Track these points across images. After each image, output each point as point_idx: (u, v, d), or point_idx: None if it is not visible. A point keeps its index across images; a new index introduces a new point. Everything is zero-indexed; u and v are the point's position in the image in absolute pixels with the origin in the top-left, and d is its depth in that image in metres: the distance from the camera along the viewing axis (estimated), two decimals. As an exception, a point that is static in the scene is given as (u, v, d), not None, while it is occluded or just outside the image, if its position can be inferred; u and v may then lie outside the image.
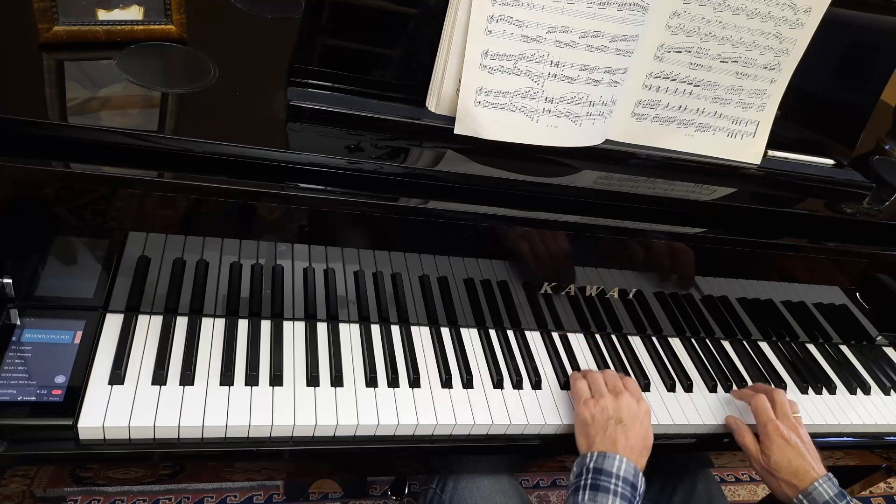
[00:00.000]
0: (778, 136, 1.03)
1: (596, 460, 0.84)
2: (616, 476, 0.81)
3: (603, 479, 0.81)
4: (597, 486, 0.81)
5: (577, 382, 0.95)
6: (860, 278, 1.11)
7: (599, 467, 0.83)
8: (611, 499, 0.80)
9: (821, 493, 0.87)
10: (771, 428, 0.93)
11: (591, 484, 0.82)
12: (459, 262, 0.95)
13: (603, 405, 0.89)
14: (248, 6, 1.06)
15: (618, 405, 0.89)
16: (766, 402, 0.97)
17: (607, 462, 0.83)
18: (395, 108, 0.89)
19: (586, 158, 0.96)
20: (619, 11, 0.85)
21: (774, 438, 0.92)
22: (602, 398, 0.90)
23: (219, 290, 0.90)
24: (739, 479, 1.92)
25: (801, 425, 0.96)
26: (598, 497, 0.80)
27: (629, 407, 0.89)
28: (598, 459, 0.84)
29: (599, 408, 0.89)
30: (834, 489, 0.87)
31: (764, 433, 0.94)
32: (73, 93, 0.82)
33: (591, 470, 0.83)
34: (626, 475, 0.82)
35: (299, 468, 1.06)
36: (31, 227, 0.80)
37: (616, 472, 0.82)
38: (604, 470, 0.82)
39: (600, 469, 0.82)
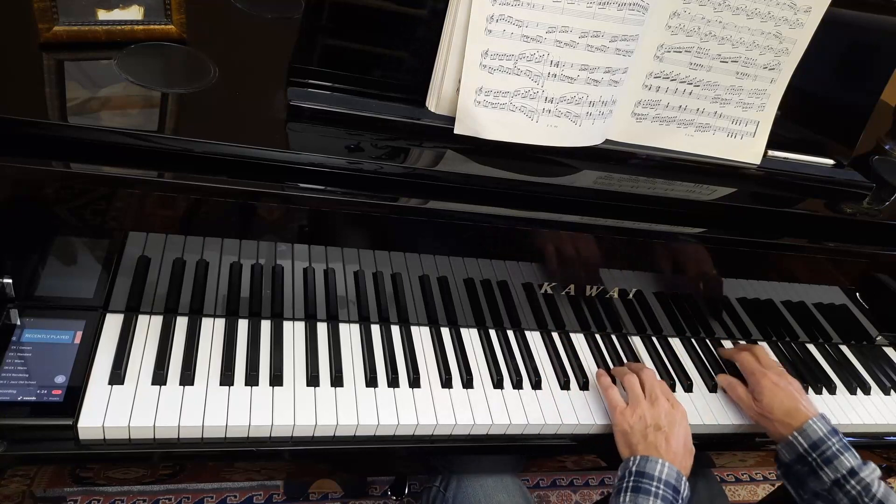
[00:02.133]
0: (778, 136, 1.03)
1: (638, 464, 0.85)
2: (658, 479, 0.83)
3: (644, 482, 0.82)
4: (637, 489, 0.82)
5: (609, 391, 0.96)
6: (860, 278, 1.11)
7: (642, 470, 0.84)
8: (651, 500, 0.81)
9: (815, 430, 0.91)
10: (759, 374, 1.00)
11: (632, 486, 0.83)
12: (459, 262, 0.95)
13: (640, 414, 0.90)
14: (248, 6, 1.06)
15: (655, 413, 0.90)
16: (750, 356, 1.05)
17: (649, 466, 0.84)
18: (395, 108, 0.89)
19: (586, 158, 0.96)
20: (619, 11, 0.85)
21: (763, 383, 0.98)
22: (638, 406, 0.91)
23: (219, 290, 0.90)
24: (739, 479, 1.92)
25: (786, 373, 1.02)
26: (638, 499, 0.81)
27: (667, 412, 0.90)
28: (640, 463, 0.85)
29: (637, 417, 0.90)
30: (827, 426, 0.91)
31: (753, 381, 1.01)
32: (73, 93, 0.82)
33: (634, 473, 0.84)
34: (667, 479, 0.83)
35: (299, 468, 1.06)
36: (31, 227, 0.80)
37: (658, 476, 0.83)
38: (646, 473, 0.83)
39: (642, 472, 0.83)
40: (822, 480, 0.88)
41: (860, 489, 0.86)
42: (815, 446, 0.90)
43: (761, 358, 1.04)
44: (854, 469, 0.87)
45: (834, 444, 0.89)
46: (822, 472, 0.88)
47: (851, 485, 0.86)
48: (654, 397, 0.92)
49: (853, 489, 0.86)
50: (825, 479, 0.88)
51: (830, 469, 0.88)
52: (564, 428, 0.95)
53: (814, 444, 0.90)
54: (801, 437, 0.91)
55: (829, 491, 0.88)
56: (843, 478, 0.87)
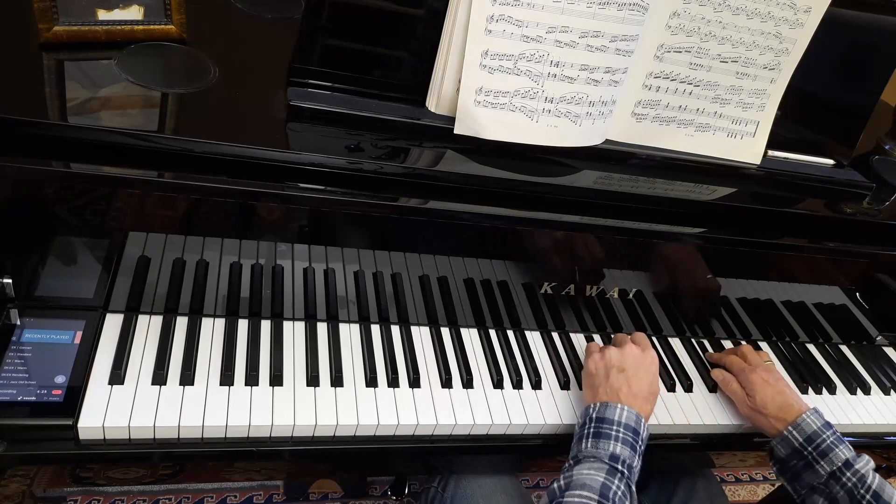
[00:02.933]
0: (778, 136, 1.03)
1: (598, 410, 0.87)
2: (617, 423, 0.85)
3: (605, 427, 0.85)
4: (598, 434, 0.84)
5: (590, 344, 1.01)
6: (860, 278, 1.11)
7: (602, 416, 0.86)
8: (612, 444, 0.83)
9: (809, 424, 0.92)
10: (748, 371, 1.01)
11: (593, 432, 0.85)
12: (459, 262, 0.95)
13: (608, 356, 0.93)
14: (248, 6, 1.06)
15: (622, 355, 0.93)
16: (737, 357, 1.06)
17: (609, 411, 0.86)
18: (395, 108, 0.89)
19: (586, 158, 0.96)
20: (619, 11, 0.85)
21: (753, 379, 0.99)
22: (608, 351, 0.95)
23: (219, 290, 0.90)
24: (739, 479, 1.92)
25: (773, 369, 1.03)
26: (599, 443, 0.83)
27: (633, 356, 0.93)
28: (599, 409, 0.87)
29: (604, 359, 0.93)
30: (820, 420, 0.92)
31: (743, 378, 1.02)
32: (73, 93, 0.82)
33: (594, 419, 0.86)
34: (626, 421, 0.85)
35: (299, 468, 1.06)
36: (31, 227, 0.80)
37: (617, 420, 0.85)
38: (605, 418, 0.85)
39: (602, 418, 0.86)
40: (819, 473, 0.89)
41: (856, 480, 0.86)
42: (811, 440, 0.90)
43: (748, 356, 1.05)
44: (849, 461, 0.88)
45: (829, 437, 0.90)
46: (818, 466, 0.89)
47: (847, 476, 0.87)
48: (623, 342, 0.96)
49: (849, 481, 0.87)
50: (821, 472, 0.89)
51: (826, 462, 0.88)
52: (564, 428, 0.95)
53: (809, 438, 0.91)
54: (796, 431, 0.92)
55: (825, 483, 0.89)
56: (839, 470, 0.87)
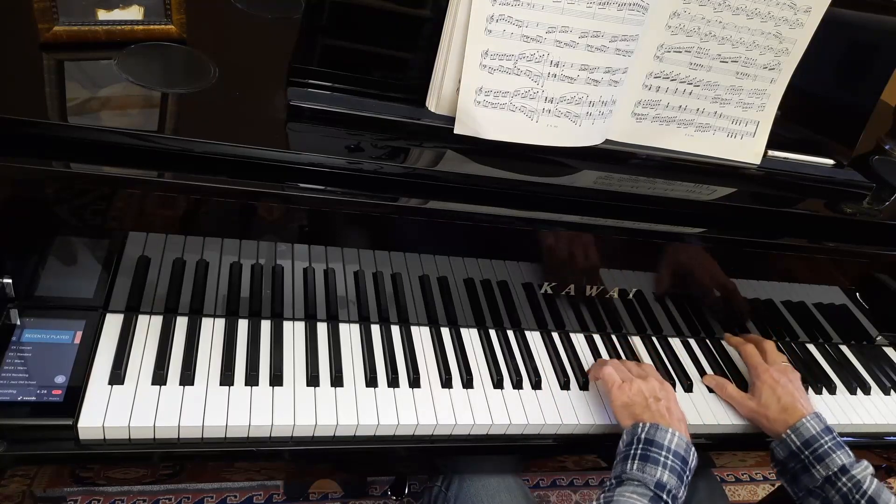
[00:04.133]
0: (778, 136, 1.03)
1: (648, 431, 0.84)
2: (667, 449, 0.82)
3: (654, 451, 0.82)
4: (646, 457, 0.82)
5: (605, 369, 0.96)
6: (860, 278, 1.11)
7: (651, 438, 0.83)
8: (659, 471, 0.80)
9: (808, 428, 0.91)
10: (762, 370, 1.00)
11: (640, 454, 0.82)
12: (459, 262, 0.95)
13: (638, 387, 0.91)
14: (248, 6, 1.06)
15: (650, 386, 0.92)
16: (755, 349, 1.04)
17: (659, 434, 0.83)
18: (395, 108, 0.89)
19: (586, 158, 0.96)
20: (618, 11, 0.85)
21: (765, 379, 0.98)
22: (633, 382, 0.93)
23: (219, 290, 0.90)
24: (739, 479, 1.92)
25: (790, 370, 1.01)
26: (646, 468, 0.81)
27: (661, 387, 0.93)
28: (650, 430, 0.84)
29: (635, 390, 0.91)
30: (820, 425, 0.91)
31: (755, 374, 1.00)
32: (73, 93, 0.82)
33: (643, 440, 0.83)
34: (677, 448, 0.83)
35: (299, 468, 1.06)
36: (31, 227, 0.80)
37: (668, 445, 0.83)
38: (655, 441, 0.83)
39: (651, 440, 0.83)
40: (815, 477, 0.89)
41: (851, 486, 0.86)
42: (808, 444, 0.90)
43: (768, 352, 1.04)
44: (846, 466, 0.87)
45: (826, 442, 0.89)
46: (814, 470, 0.89)
47: (843, 482, 0.87)
48: (645, 374, 0.95)
49: (844, 486, 0.86)
50: (817, 476, 0.89)
51: (822, 466, 0.88)
52: (564, 428, 0.95)
53: (806, 442, 0.90)
54: (794, 434, 0.92)
55: (821, 487, 0.89)
56: (835, 475, 0.87)
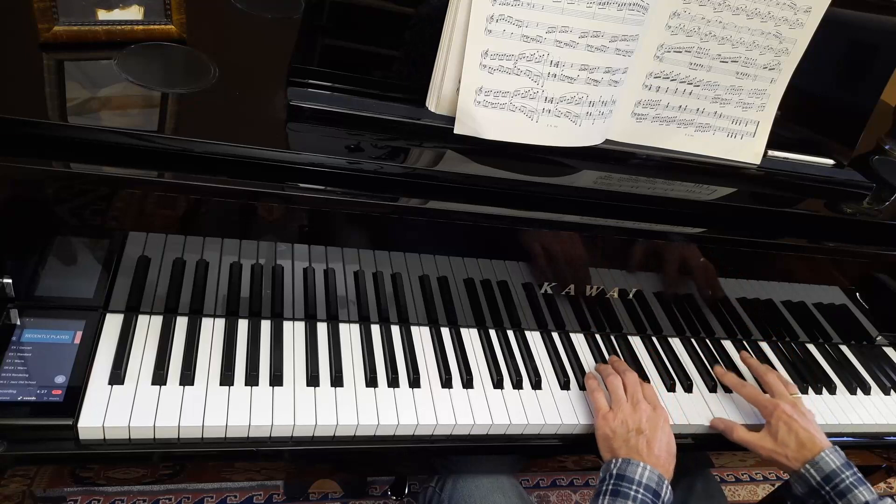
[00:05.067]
0: (778, 136, 1.03)
1: (619, 466, 0.85)
2: (637, 483, 0.82)
3: (624, 486, 0.82)
4: (616, 492, 0.82)
5: (595, 394, 0.95)
6: (860, 278, 1.11)
7: (622, 473, 0.84)
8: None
9: (827, 463, 0.88)
10: (772, 407, 0.96)
11: (611, 490, 0.83)
12: (459, 262, 0.95)
13: (622, 419, 0.90)
14: (248, 6, 1.06)
15: (637, 416, 0.90)
16: (756, 389, 1.01)
17: (630, 469, 0.84)
18: (395, 108, 0.89)
19: (586, 158, 0.96)
20: (618, 11, 0.85)
21: (779, 415, 0.94)
22: (620, 410, 0.91)
23: (219, 290, 0.90)
24: (739, 479, 1.92)
25: (800, 403, 0.98)
26: (616, 502, 0.81)
27: (648, 417, 0.90)
28: (621, 466, 0.85)
29: (619, 421, 0.90)
30: (841, 459, 0.89)
31: (766, 413, 0.96)
32: (73, 93, 0.82)
33: (614, 476, 0.84)
34: (647, 482, 0.83)
35: (299, 468, 1.06)
36: (31, 227, 0.80)
37: (638, 479, 0.83)
38: (626, 476, 0.83)
39: (622, 475, 0.83)
40: None
41: None
42: (829, 479, 0.87)
43: (772, 385, 1.00)
44: (869, 503, 0.85)
45: (848, 476, 0.87)
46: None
47: None
48: (636, 401, 0.92)
49: None
50: None
51: (844, 503, 0.86)
52: (564, 428, 0.95)
53: (827, 477, 0.87)
54: (814, 469, 0.88)
55: None
56: None
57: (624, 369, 0.98)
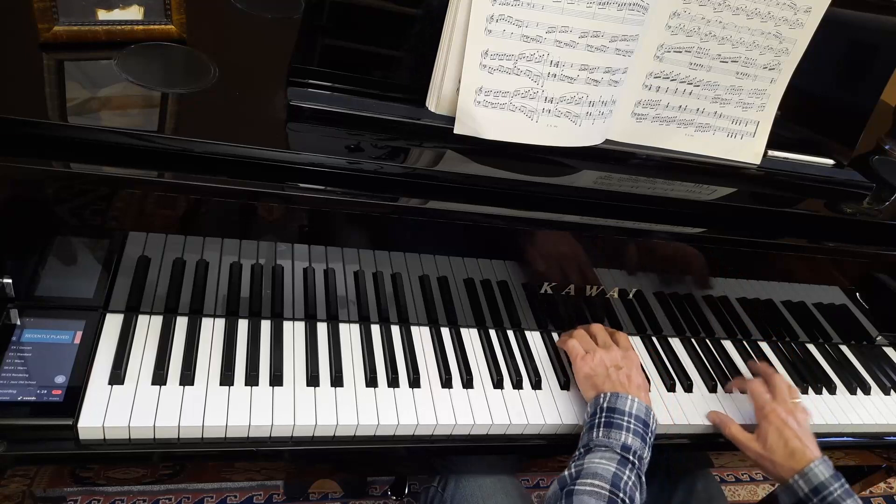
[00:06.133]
0: (778, 136, 1.03)
1: (609, 400, 0.88)
2: (629, 414, 0.86)
3: (616, 417, 0.86)
4: (610, 424, 0.85)
5: (568, 342, 0.99)
6: (860, 278, 1.11)
7: (612, 406, 0.87)
8: (623, 434, 0.84)
9: (816, 475, 0.87)
10: (768, 410, 0.95)
11: (604, 422, 0.86)
12: (459, 262, 0.95)
13: (599, 358, 0.95)
14: (248, 6, 1.06)
15: (612, 356, 0.95)
16: (762, 387, 0.99)
17: (619, 402, 0.87)
18: (395, 108, 0.89)
19: (586, 158, 0.96)
20: (618, 11, 0.85)
21: (772, 419, 0.93)
22: (596, 352, 0.96)
23: (219, 290, 0.90)
24: (739, 479, 1.92)
25: (799, 409, 0.96)
26: (611, 433, 0.84)
27: (623, 356, 0.96)
28: (610, 399, 0.88)
29: (597, 360, 0.95)
30: (830, 470, 0.88)
31: (761, 415, 0.96)
32: (73, 93, 0.82)
33: (605, 409, 0.87)
34: (637, 413, 0.86)
35: (299, 468, 1.06)
36: (31, 227, 0.80)
37: (629, 411, 0.86)
38: (616, 409, 0.86)
39: (613, 408, 0.87)
40: None
41: None
42: (817, 491, 0.86)
43: (776, 388, 0.98)
44: None
45: (836, 489, 0.86)
46: None
47: None
48: (607, 344, 0.98)
49: None
50: None
51: None
52: (565, 428, 0.95)
53: (815, 489, 0.86)
54: (803, 480, 0.87)
55: None
56: None
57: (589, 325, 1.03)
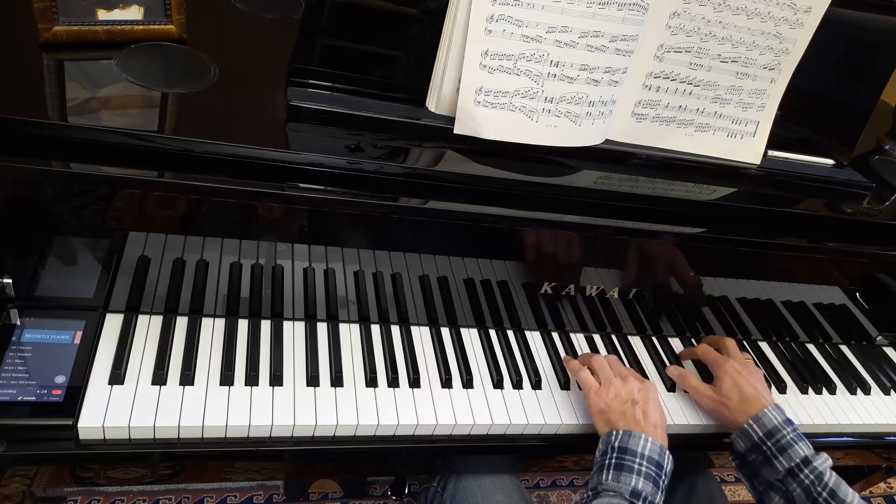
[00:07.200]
0: (778, 136, 1.03)
1: (621, 439, 0.84)
2: (641, 455, 0.82)
3: (627, 459, 0.82)
4: (621, 466, 0.82)
5: (582, 373, 0.96)
6: (860, 278, 1.11)
7: (624, 446, 0.83)
8: (634, 479, 0.80)
9: (770, 419, 0.90)
10: (721, 361, 0.99)
11: (615, 463, 0.82)
12: (459, 262, 0.95)
13: (615, 391, 0.90)
14: (248, 6, 1.06)
15: (629, 388, 0.91)
16: (708, 347, 1.05)
17: (632, 441, 0.83)
18: (395, 108, 0.89)
19: (586, 158, 0.96)
20: (618, 11, 0.85)
21: (725, 368, 0.97)
22: (611, 385, 0.92)
23: (219, 290, 0.90)
24: (739, 479, 1.92)
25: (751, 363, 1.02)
26: (621, 477, 0.81)
27: (639, 388, 0.91)
28: (622, 438, 0.84)
29: (612, 394, 0.90)
30: (782, 416, 0.91)
31: (715, 367, 1.00)
32: (73, 93, 0.82)
33: (616, 449, 0.84)
34: (650, 454, 0.83)
35: (299, 468, 1.06)
36: (31, 227, 0.80)
37: (641, 452, 0.82)
38: (628, 449, 0.83)
39: (625, 448, 0.83)
40: (777, 469, 0.88)
41: (813, 478, 0.85)
42: (770, 434, 0.89)
43: (729, 348, 1.03)
44: (808, 458, 0.86)
45: (788, 433, 0.89)
46: (777, 461, 0.88)
47: (805, 474, 0.86)
48: (623, 375, 0.93)
49: (806, 478, 0.85)
50: (779, 467, 0.88)
51: (784, 458, 0.87)
52: (565, 428, 0.95)
53: (769, 433, 0.89)
54: (757, 424, 0.90)
55: (782, 481, 0.88)
56: (797, 466, 0.86)
57: (604, 355, 1.00)
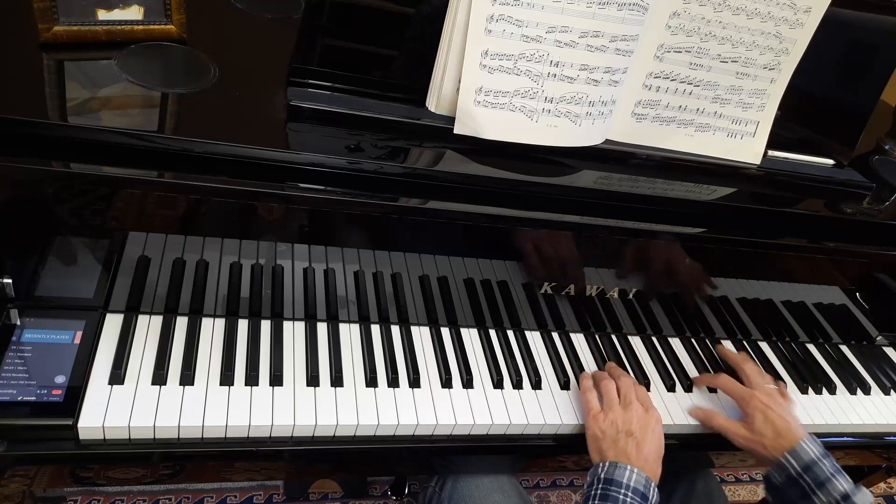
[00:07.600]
0: (778, 136, 1.03)
1: (607, 471, 0.84)
2: (626, 487, 0.82)
3: (613, 490, 0.82)
4: (606, 497, 0.82)
5: (587, 394, 0.95)
6: (860, 278, 1.11)
7: (610, 478, 0.83)
8: None
9: (807, 452, 0.88)
10: (748, 396, 0.96)
11: (600, 494, 0.82)
12: (459, 262, 0.95)
13: (612, 419, 0.89)
14: (248, 6, 1.06)
15: (628, 417, 0.89)
16: (731, 380, 1.01)
17: (618, 472, 0.83)
18: (395, 108, 0.89)
19: (586, 158, 0.96)
20: (618, 11, 0.85)
21: (755, 405, 0.94)
22: (611, 411, 0.90)
23: (219, 290, 0.90)
24: (739, 479, 1.92)
25: (776, 392, 0.98)
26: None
27: (639, 418, 0.89)
28: (608, 470, 0.84)
29: (609, 422, 0.89)
30: (819, 448, 0.89)
31: (742, 403, 0.97)
32: (73, 93, 0.82)
33: (602, 480, 0.84)
34: (636, 485, 0.82)
35: (299, 468, 1.06)
36: (31, 227, 0.80)
37: (626, 483, 0.82)
38: (614, 480, 0.83)
39: (610, 479, 0.83)
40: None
41: None
42: (808, 468, 0.87)
43: (750, 376, 1.00)
44: (847, 494, 0.84)
45: (826, 466, 0.87)
46: (815, 497, 0.86)
47: None
48: (629, 402, 0.91)
49: None
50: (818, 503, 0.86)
51: (823, 493, 0.85)
52: (565, 428, 0.95)
53: (806, 466, 0.87)
54: (793, 458, 0.88)
55: None
56: (837, 502, 0.84)
57: (619, 374, 0.98)
